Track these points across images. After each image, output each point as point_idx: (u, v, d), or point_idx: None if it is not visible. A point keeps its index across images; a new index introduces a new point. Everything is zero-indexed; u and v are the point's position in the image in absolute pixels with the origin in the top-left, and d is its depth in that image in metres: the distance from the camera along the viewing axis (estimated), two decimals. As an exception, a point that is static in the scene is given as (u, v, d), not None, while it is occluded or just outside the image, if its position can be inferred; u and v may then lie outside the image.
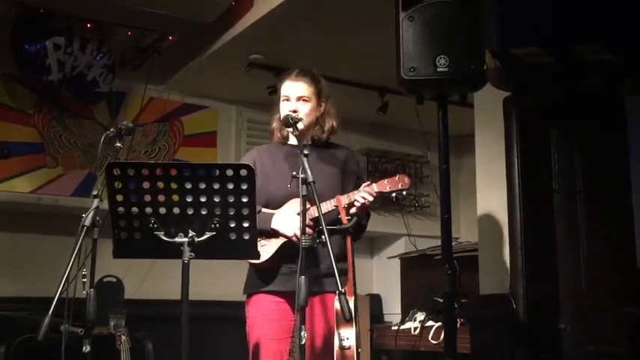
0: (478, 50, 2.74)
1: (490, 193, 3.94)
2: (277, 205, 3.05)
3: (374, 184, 2.98)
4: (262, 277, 3.04)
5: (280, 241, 2.99)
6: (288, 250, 2.96)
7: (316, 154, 3.03)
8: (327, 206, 2.93)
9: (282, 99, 3.11)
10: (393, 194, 3.01)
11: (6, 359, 4.51)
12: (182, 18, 4.78)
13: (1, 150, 5.07)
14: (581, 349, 3.60)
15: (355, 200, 2.95)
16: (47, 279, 3.05)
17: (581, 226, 3.70)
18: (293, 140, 3.14)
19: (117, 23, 4.88)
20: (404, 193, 3.00)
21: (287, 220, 2.97)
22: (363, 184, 3.00)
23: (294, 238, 2.93)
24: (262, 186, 2.97)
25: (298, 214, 2.90)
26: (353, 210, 2.97)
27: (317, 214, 2.71)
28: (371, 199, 2.94)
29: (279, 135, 3.20)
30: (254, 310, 3.06)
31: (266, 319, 3.02)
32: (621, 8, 3.01)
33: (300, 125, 2.91)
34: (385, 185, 2.99)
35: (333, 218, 2.94)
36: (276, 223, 2.99)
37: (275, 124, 3.20)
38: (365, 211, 3.04)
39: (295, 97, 3.07)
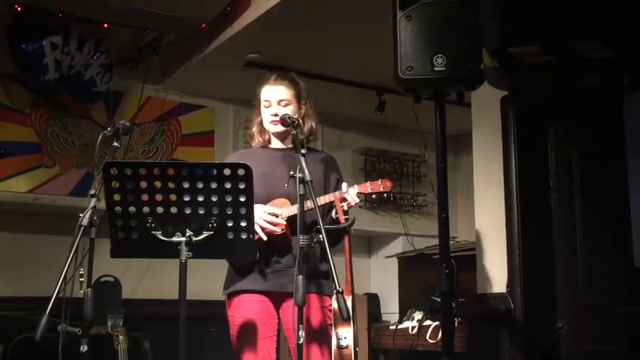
0: (476, 49, 2.73)
1: (488, 192, 3.95)
2: None
3: (355, 185, 3.02)
4: (243, 276, 3.01)
5: None
6: (269, 248, 2.96)
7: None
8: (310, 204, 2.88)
9: (262, 104, 3.10)
10: (374, 195, 3.06)
11: (3, 359, 4.51)
12: (180, 17, 4.78)
13: (-1, 150, 5.07)
14: (579, 348, 3.60)
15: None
16: (44, 279, 3.05)
17: (578, 225, 3.71)
18: (275, 144, 3.16)
19: (114, 22, 4.87)
20: (384, 194, 3.05)
21: None
22: (345, 185, 3.00)
23: None
24: None
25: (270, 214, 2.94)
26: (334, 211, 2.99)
27: (291, 214, 2.88)
28: (357, 200, 2.98)
29: (259, 139, 3.19)
30: (236, 310, 3.02)
31: (250, 319, 2.98)
32: (619, 6, 3.01)
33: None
34: (367, 187, 3.06)
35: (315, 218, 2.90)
36: None
37: (255, 129, 3.19)
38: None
39: (276, 100, 3.06)
